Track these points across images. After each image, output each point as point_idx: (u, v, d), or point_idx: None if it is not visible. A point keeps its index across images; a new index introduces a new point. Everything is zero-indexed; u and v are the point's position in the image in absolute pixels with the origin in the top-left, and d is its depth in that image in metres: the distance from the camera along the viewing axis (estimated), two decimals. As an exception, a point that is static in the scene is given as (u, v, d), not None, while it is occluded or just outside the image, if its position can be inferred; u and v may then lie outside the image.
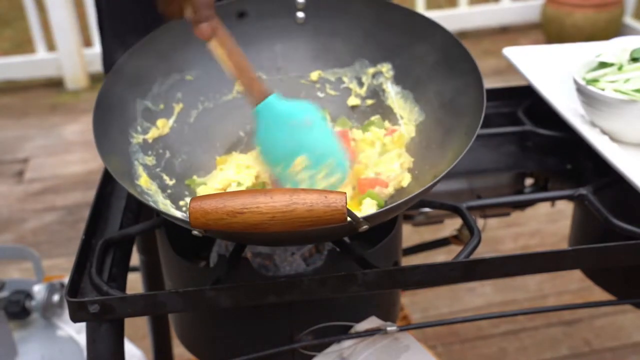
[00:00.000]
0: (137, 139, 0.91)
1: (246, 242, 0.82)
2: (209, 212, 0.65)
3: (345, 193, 0.65)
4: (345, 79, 1.02)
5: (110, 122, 0.88)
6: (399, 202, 0.74)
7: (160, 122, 0.94)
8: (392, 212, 0.77)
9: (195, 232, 0.70)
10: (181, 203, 0.89)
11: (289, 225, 0.65)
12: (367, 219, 0.69)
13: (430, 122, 0.93)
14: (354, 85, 1.02)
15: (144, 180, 0.87)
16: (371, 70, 1.01)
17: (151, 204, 0.81)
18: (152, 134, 0.93)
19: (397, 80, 0.99)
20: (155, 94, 0.95)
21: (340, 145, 0.88)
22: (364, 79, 1.01)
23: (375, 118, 0.99)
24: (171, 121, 0.96)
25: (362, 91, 1.01)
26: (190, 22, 0.84)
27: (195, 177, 0.93)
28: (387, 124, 0.98)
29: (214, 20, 0.84)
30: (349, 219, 0.66)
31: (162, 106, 0.95)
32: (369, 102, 1.01)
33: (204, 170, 0.95)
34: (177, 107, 0.97)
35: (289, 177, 0.86)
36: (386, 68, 1.00)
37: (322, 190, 0.65)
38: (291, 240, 0.77)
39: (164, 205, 0.86)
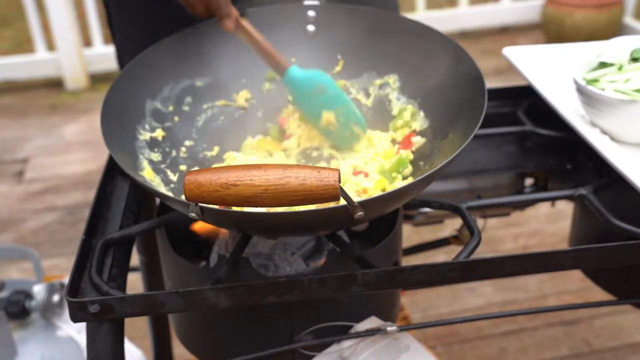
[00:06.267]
0: (145, 135, 0.93)
1: (242, 227, 0.82)
2: (203, 184, 0.65)
3: (338, 170, 0.65)
4: (352, 90, 1.03)
5: (118, 116, 0.89)
6: (394, 190, 0.74)
7: (168, 124, 0.96)
8: (387, 201, 0.77)
9: (192, 215, 0.70)
10: (183, 197, 0.90)
11: (282, 199, 0.65)
12: (362, 204, 0.69)
13: (433, 127, 0.94)
14: (360, 96, 1.02)
15: (147, 173, 0.88)
16: (378, 81, 1.01)
17: (151, 187, 0.81)
18: (159, 133, 0.95)
19: (403, 90, 1.00)
20: (166, 96, 0.97)
21: (350, 102, 1.01)
22: (370, 90, 1.02)
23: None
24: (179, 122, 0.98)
25: (369, 102, 1.02)
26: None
27: None
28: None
29: (234, 15, 0.96)
30: (342, 199, 0.66)
31: (171, 108, 0.98)
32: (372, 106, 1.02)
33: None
34: (186, 110, 0.99)
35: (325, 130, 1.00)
36: (393, 79, 1.00)
37: (315, 166, 0.66)
38: (286, 227, 0.77)
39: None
